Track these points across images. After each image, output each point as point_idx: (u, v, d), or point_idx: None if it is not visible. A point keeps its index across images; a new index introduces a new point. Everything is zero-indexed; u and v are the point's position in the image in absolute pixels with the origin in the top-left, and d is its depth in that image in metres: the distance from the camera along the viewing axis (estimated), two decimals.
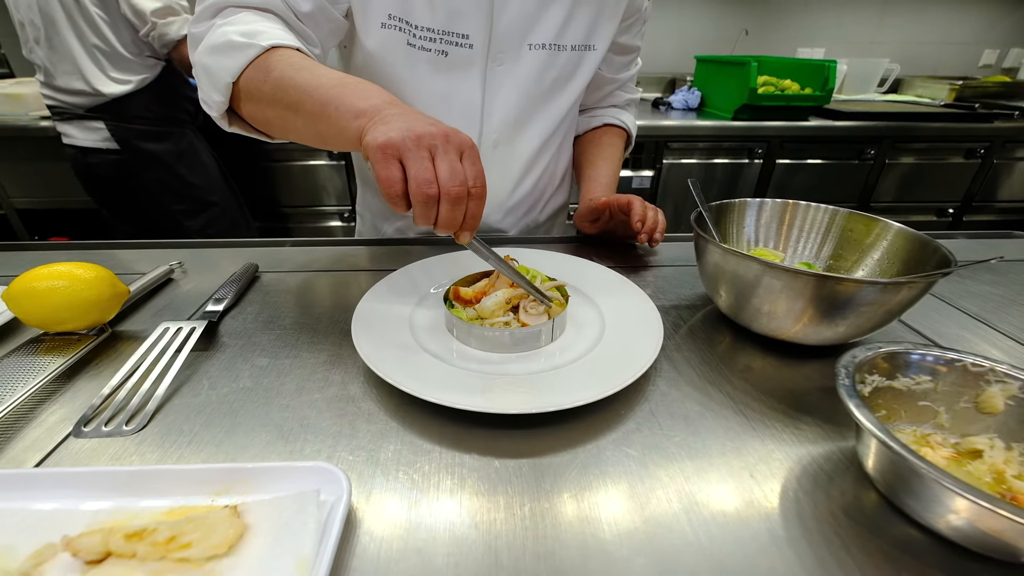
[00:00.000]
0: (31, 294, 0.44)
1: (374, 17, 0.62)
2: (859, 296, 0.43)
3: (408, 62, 0.65)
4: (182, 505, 0.31)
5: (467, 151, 0.41)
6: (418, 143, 0.39)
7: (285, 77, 0.48)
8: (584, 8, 0.68)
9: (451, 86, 0.67)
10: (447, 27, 0.63)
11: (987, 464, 0.36)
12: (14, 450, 0.36)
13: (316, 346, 0.49)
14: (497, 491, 0.34)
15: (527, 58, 0.68)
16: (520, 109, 0.72)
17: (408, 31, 0.63)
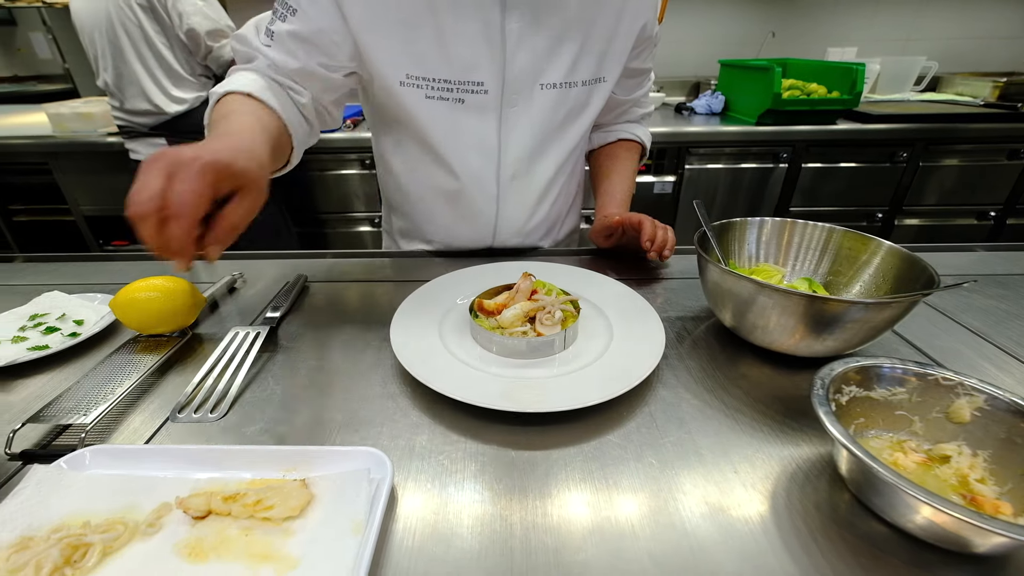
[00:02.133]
0: (132, 303, 0.53)
1: (391, 79, 0.67)
2: (845, 314, 0.48)
3: (427, 109, 0.70)
4: (261, 477, 0.39)
5: (179, 169, 0.39)
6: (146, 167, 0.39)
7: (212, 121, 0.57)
8: (593, 45, 0.72)
9: (468, 127, 0.72)
10: (463, 77, 0.68)
11: (953, 468, 0.40)
12: (127, 431, 0.45)
13: (360, 349, 0.57)
14: (512, 477, 0.41)
15: (539, 98, 0.72)
16: (535, 144, 0.76)
17: (426, 86, 0.68)
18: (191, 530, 0.35)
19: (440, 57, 0.67)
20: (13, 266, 0.81)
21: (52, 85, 2.94)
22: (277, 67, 0.65)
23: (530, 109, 0.73)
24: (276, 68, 0.66)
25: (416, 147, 0.76)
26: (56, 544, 0.33)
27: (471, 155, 0.75)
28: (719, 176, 1.95)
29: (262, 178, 0.46)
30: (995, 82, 2.31)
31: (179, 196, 0.38)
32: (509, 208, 0.80)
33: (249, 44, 0.66)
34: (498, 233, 0.83)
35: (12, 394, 0.50)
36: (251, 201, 0.44)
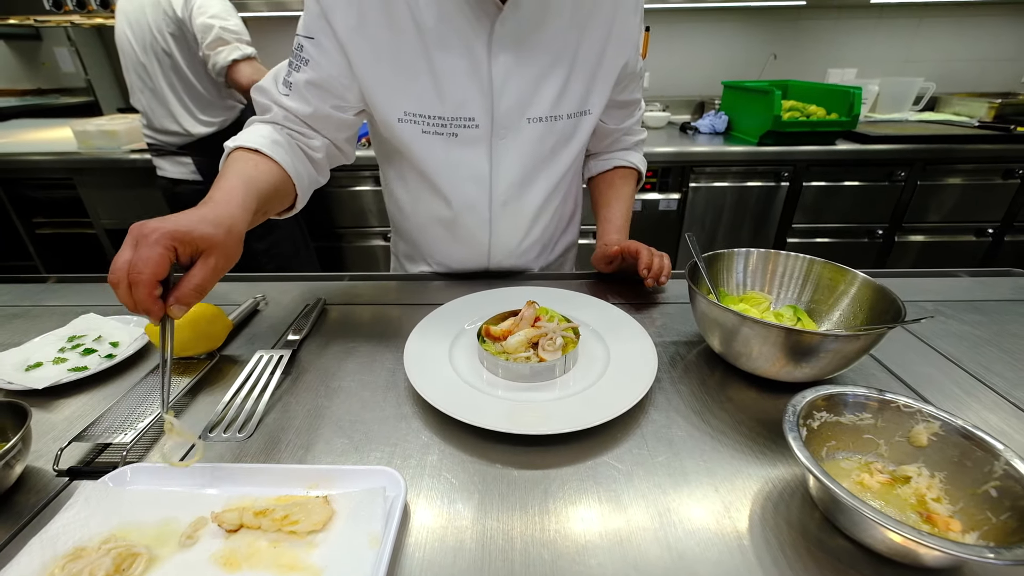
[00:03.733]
0: None
1: (391, 116, 0.73)
2: (820, 345, 0.52)
3: (424, 143, 0.76)
4: (287, 494, 0.43)
5: (141, 240, 0.45)
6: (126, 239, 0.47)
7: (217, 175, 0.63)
8: (577, 80, 0.76)
9: (462, 159, 0.77)
10: (455, 114, 0.73)
11: (913, 488, 0.44)
12: (163, 449, 0.50)
13: (375, 372, 0.62)
14: (514, 495, 0.45)
15: (527, 130, 0.76)
16: (524, 173, 0.80)
17: (422, 122, 0.73)
18: (225, 542, 0.39)
19: (434, 96, 0.72)
20: (47, 287, 0.86)
21: (74, 98, 3.04)
22: (292, 114, 0.72)
23: (518, 141, 0.77)
24: (291, 116, 0.72)
25: (416, 178, 0.82)
26: (107, 554, 0.37)
27: (465, 184, 0.80)
28: (723, 194, 2.00)
29: (226, 242, 0.51)
30: (991, 103, 2.36)
31: (137, 264, 0.44)
32: (502, 232, 0.85)
33: (269, 96, 0.73)
34: (492, 255, 0.88)
35: (55, 413, 0.55)
36: (214, 262, 0.50)
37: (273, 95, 0.73)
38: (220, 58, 1.48)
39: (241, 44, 1.50)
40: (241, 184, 0.59)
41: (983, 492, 0.41)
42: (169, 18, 1.43)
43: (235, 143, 0.67)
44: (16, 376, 0.57)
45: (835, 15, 2.44)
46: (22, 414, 0.45)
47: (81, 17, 2.04)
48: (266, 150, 0.66)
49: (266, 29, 2.35)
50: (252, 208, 0.58)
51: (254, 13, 2.11)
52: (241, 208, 0.56)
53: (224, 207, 0.55)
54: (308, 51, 0.70)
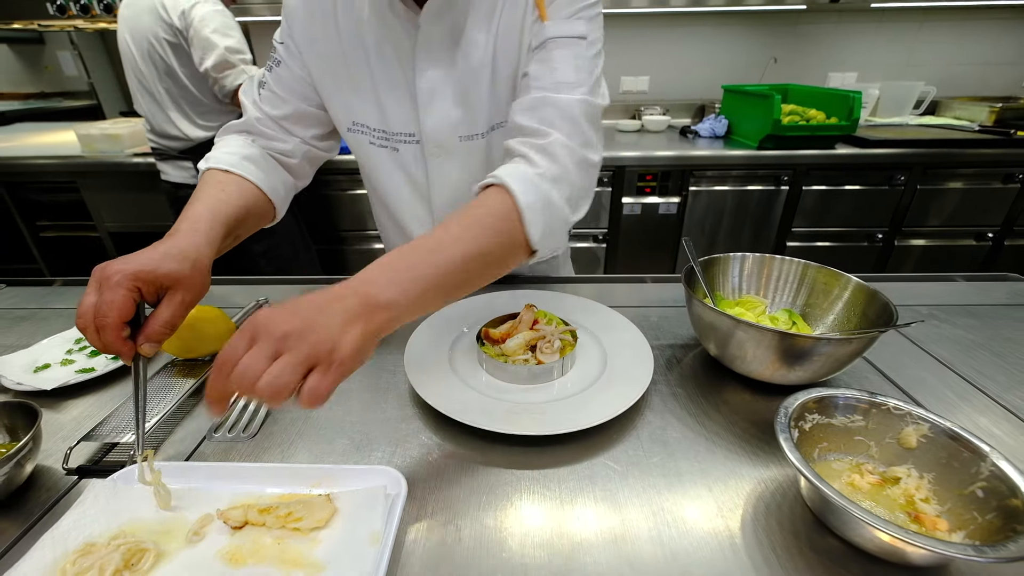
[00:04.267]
0: None
1: (342, 124, 0.76)
2: (812, 349, 0.53)
3: (374, 155, 0.77)
4: (290, 492, 0.44)
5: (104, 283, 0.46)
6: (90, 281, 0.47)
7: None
8: (503, 90, 0.71)
9: (405, 173, 0.78)
10: (395, 129, 0.74)
11: (902, 489, 0.45)
12: (169, 448, 0.51)
13: (376, 373, 0.63)
14: (510, 493, 0.46)
15: (461, 148, 0.74)
16: (461, 188, 0.77)
17: (368, 134, 0.75)
18: (231, 538, 0.40)
19: (376, 110, 0.73)
20: (53, 290, 0.87)
21: (77, 101, 3.07)
22: (266, 116, 0.74)
23: (453, 158, 0.75)
24: (263, 119, 0.74)
25: (370, 186, 0.84)
26: (116, 550, 0.38)
27: (410, 197, 0.81)
28: (722, 198, 2.01)
29: (192, 276, 0.51)
30: (991, 107, 2.36)
31: (101, 308, 0.45)
32: None
33: (249, 97, 0.76)
34: None
35: (63, 414, 0.56)
36: (181, 297, 0.50)
37: (252, 95, 0.75)
38: (228, 82, 1.51)
39: (246, 66, 1.52)
40: (207, 212, 0.59)
41: (970, 492, 0.42)
42: (167, 26, 1.45)
43: (207, 164, 0.68)
44: (25, 377, 0.58)
45: (835, 19, 2.45)
46: (33, 414, 0.47)
47: (84, 21, 2.06)
48: (235, 169, 0.67)
49: (267, 33, 2.38)
50: (219, 236, 0.58)
51: (256, 17, 2.13)
52: (206, 238, 0.56)
53: (189, 239, 0.54)
54: (280, 53, 0.73)
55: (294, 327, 0.38)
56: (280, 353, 0.37)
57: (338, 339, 0.39)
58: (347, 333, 0.40)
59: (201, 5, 1.45)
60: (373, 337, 0.42)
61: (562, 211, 0.57)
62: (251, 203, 0.68)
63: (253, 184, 0.69)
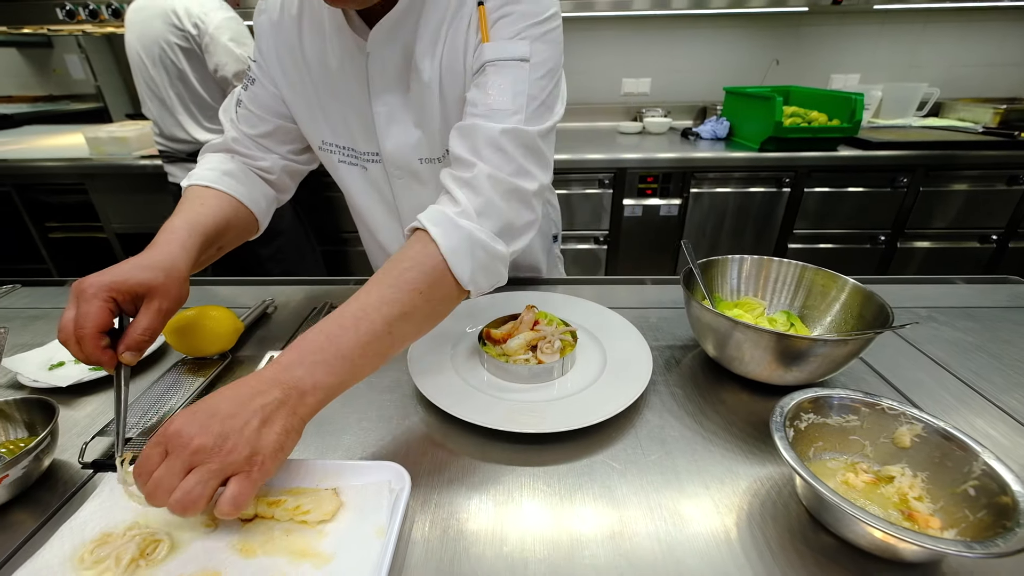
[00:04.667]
0: (182, 330, 0.61)
1: (314, 142, 0.77)
2: (808, 350, 0.54)
3: (345, 173, 0.79)
4: (299, 486, 0.45)
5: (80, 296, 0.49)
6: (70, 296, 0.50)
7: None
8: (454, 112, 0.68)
9: (376, 190, 0.80)
10: (361, 148, 0.75)
11: (895, 488, 0.46)
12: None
13: (381, 372, 0.64)
14: (511, 489, 0.47)
15: (422, 170, 0.74)
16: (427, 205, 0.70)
17: (337, 152, 0.76)
18: (241, 530, 0.42)
19: (343, 129, 0.74)
20: (64, 290, 0.89)
21: (84, 104, 3.10)
22: (242, 135, 0.75)
23: (416, 180, 0.76)
24: (239, 138, 0.75)
25: (347, 200, 0.86)
26: (132, 539, 0.40)
27: (379, 211, 0.82)
28: (724, 200, 2.01)
29: (166, 284, 0.52)
30: (996, 108, 2.36)
31: (79, 320, 0.47)
32: None
33: (227, 116, 0.77)
34: None
35: (77, 410, 0.58)
36: (157, 304, 0.51)
37: (230, 114, 0.77)
38: None
39: None
40: (184, 224, 0.61)
41: (962, 491, 0.43)
42: (180, 32, 1.47)
43: (188, 181, 0.70)
44: (41, 375, 0.60)
45: (838, 21, 2.45)
46: (50, 410, 0.48)
47: (93, 26, 2.09)
48: (216, 184, 0.69)
49: None
50: (196, 246, 0.60)
51: None
52: (181, 248, 0.57)
53: (163, 249, 0.56)
54: (254, 71, 0.74)
55: (205, 441, 0.37)
56: (193, 466, 0.37)
57: (256, 443, 0.39)
58: (266, 433, 0.39)
59: (215, 12, 1.48)
60: (301, 425, 0.42)
61: (489, 246, 0.55)
62: (231, 216, 0.69)
63: (233, 198, 0.70)
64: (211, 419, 0.38)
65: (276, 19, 0.71)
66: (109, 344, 0.49)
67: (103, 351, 0.48)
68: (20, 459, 0.43)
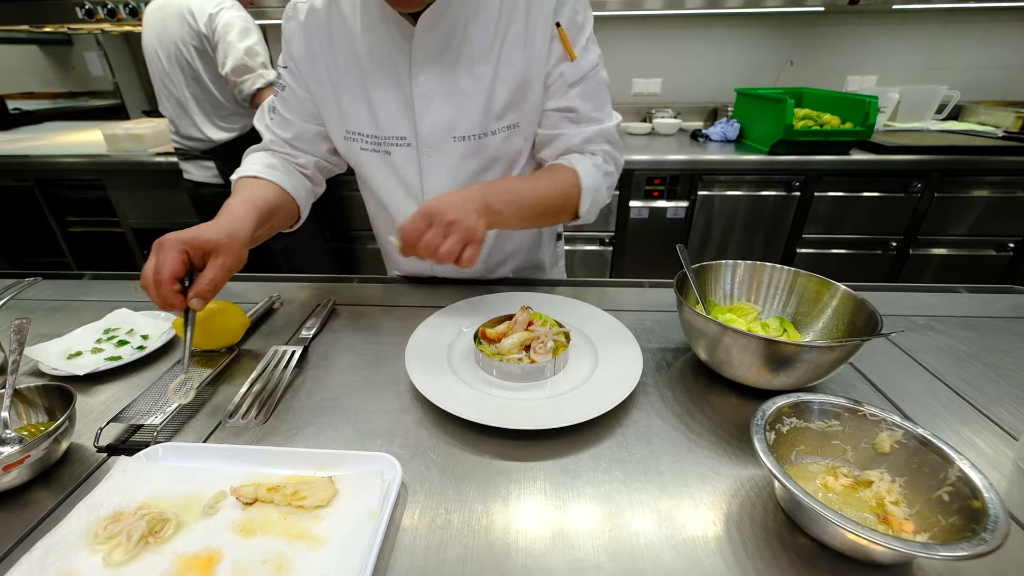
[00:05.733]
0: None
1: (337, 134, 0.83)
2: (796, 356, 0.55)
3: (366, 159, 0.83)
4: (296, 473, 0.48)
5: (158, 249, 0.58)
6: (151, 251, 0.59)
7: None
8: (501, 95, 0.75)
9: (397, 174, 0.83)
10: (387, 133, 0.79)
11: (874, 492, 0.47)
12: (188, 430, 0.56)
13: (379, 368, 0.66)
14: (499, 483, 0.49)
15: (454, 148, 0.79)
16: (453, 188, 0.78)
17: (360, 140, 0.81)
18: (242, 513, 0.44)
19: (368, 117, 0.79)
20: (83, 283, 0.93)
21: (102, 100, 3.19)
22: (278, 139, 0.84)
23: (446, 159, 0.80)
24: (277, 140, 0.84)
25: (366, 188, 0.90)
26: (142, 518, 0.43)
27: (400, 197, 0.86)
28: (732, 203, 1.99)
29: (230, 244, 0.61)
30: (1018, 112, 2.30)
31: (159, 267, 0.56)
32: None
33: (262, 123, 0.86)
34: (434, 265, 0.92)
35: (93, 397, 0.61)
36: (222, 261, 0.60)
37: (265, 121, 0.85)
38: (246, 87, 1.58)
39: (264, 70, 1.58)
40: (240, 203, 0.71)
41: (937, 497, 0.44)
42: (194, 32, 1.51)
43: (238, 175, 0.80)
44: (60, 363, 0.63)
45: (856, 21, 2.41)
46: (68, 397, 0.51)
47: (111, 25, 2.14)
48: (262, 174, 0.79)
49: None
50: (253, 219, 0.69)
51: (273, 20, 2.19)
52: (241, 219, 0.66)
53: (226, 219, 0.66)
54: (284, 78, 0.82)
55: (454, 218, 0.61)
56: (448, 234, 0.61)
57: (475, 226, 0.63)
58: (479, 223, 0.63)
59: (226, 11, 1.51)
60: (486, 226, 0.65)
61: (604, 197, 0.83)
62: (278, 200, 0.78)
63: (278, 185, 0.79)
64: (453, 207, 0.62)
65: (303, 19, 0.77)
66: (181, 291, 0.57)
67: (176, 295, 0.56)
68: (40, 442, 0.46)
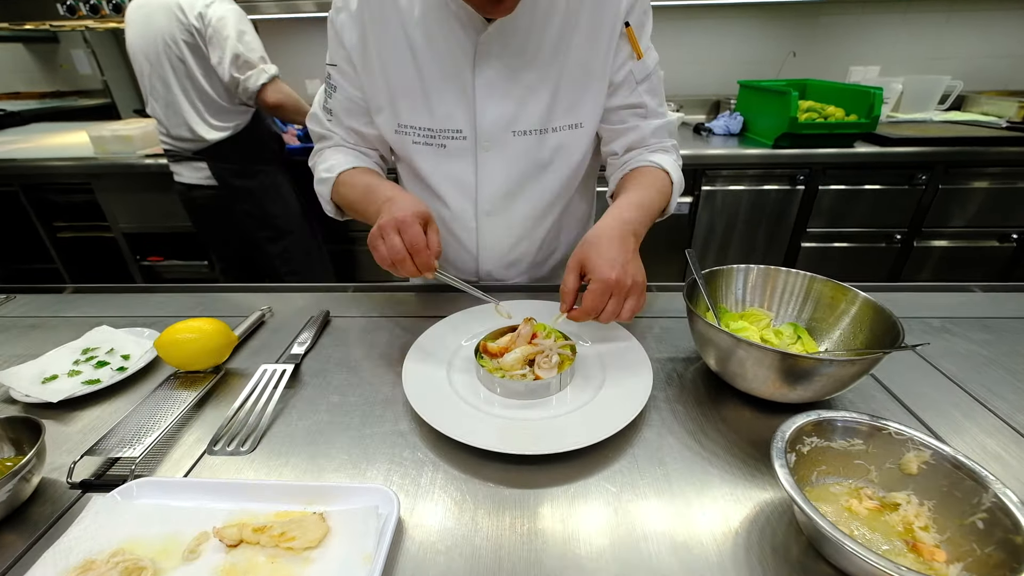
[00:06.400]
0: (174, 343, 0.60)
1: (389, 128, 0.81)
2: (815, 369, 0.52)
3: (417, 153, 0.81)
4: (285, 509, 0.45)
5: (403, 226, 0.61)
6: (377, 233, 0.62)
7: (345, 195, 0.80)
8: (567, 92, 0.76)
9: (450, 168, 0.82)
10: (443, 126, 0.78)
11: (901, 516, 0.44)
12: (170, 462, 0.52)
13: (375, 387, 0.63)
14: (504, 513, 0.46)
15: (513, 143, 0.79)
16: (509, 185, 0.82)
17: (412, 134, 0.79)
18: (226, 556, 0.41)
19: (423, 110, 0.77)
20: (63, 297, 0.89)
21: (92, 100, 3.12)
22: (342, 138, 0.84)
23: (504, 154, 0.80)
24: (346, 136, 0.84)
25: (414, 180, 0.87)
26: (115, 567, 0.39)
27: (453, 192, 0.84)
28: (736, 198, 1.96)
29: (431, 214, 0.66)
30: (1020, 102, 2.27)
31: (414, 241, 0.61)
32: (488, 242, 0.89)
33: (321, 125, 0.85)
34: (481, 264, 0.91)
35: (69, 425, 0.58)
36: (434, 227, 0.65)
37: (324, 124, 0.84)
38: (251, 83, 1.53)
39: (265, 65, 1.54)
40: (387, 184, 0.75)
41: (970, 523, 0.41)
42: (183, 26, 1.46)
43: (336, 171, 0.81)
44: (33, 389, 0.60)
45: (858, 11, 2.38)
46: (37, 429, 0.48)
47: (95, 21, 2.09)
48: (367, 165, 0.83)
49: (275, 31, 2.39)
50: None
51: (265, 16, 2.14)
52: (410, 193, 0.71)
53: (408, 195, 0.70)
54: (335, 78, 0.80)
55: (632, 283, 0.62)
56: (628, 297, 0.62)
57: (643, 278, 0.64)
58: (637, 265, 0.65)
59: (218, 4, 1.46)
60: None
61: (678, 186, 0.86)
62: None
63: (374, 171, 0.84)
64: (627, 271, 0.62)
65: (355, 9, 0.74)
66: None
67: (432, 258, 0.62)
68: (4, 483, 0.43)
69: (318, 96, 0.85)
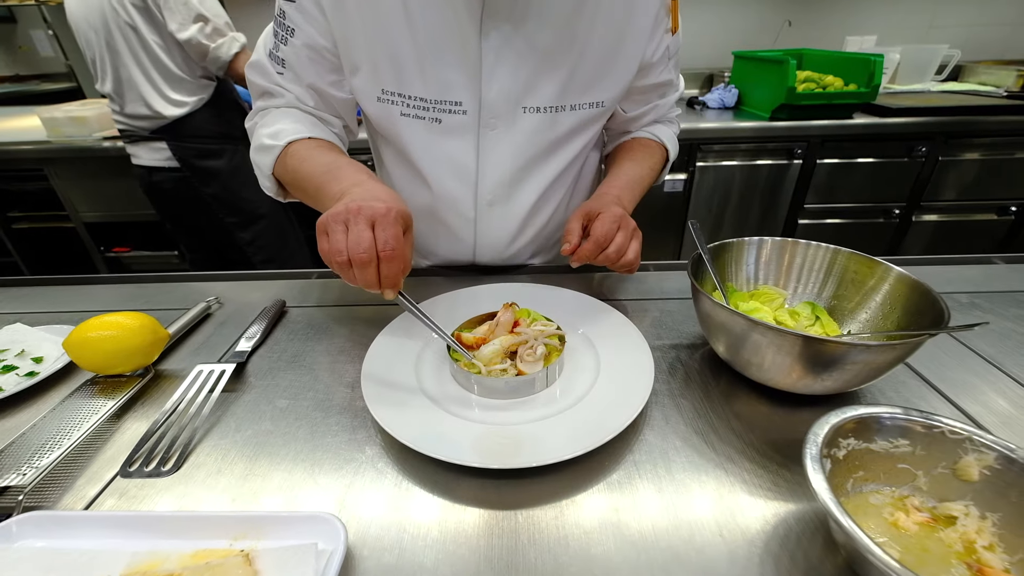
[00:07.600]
0: (85, 343, 0.50)
1: (370, 94, 0.66)
2: (846, 356, 0.44)
3: (405, 128, 0.68)
4: (205, 548, 0.36)
5: (378, 220, 0.46)
6: (335, 219, 0.47)
7: (296, 169, 0.63)
8: (588, 67, 0.66)
9: (446, 148, 0.69)
10: (440, 96, 0.65)
11: (959, 532, 0.37)
12: (71, 489, 0.43)
13: (332, 387, 0.54)
14: (480, 544, 0.38)
15: (522, 121, 0.67)
16: (515, 170, 0.71)
17: (401, 103, 0.66)
18: None
19: (416, 74, 0.63)
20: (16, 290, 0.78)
21: (55, 84, 2.94)
22: (296, 98, 0.67)
23: (512, 133, 0.68)
24: (296, 99, 0.67)
25: (398, 161, 0.74)
26: None
27: (447, 179, 0.71)
28: (732, 173, 1.89)
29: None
30: (1019, 71, 2.21)
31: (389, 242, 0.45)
32: (488, 234, 0.77)
33: (269, 78, 0.67)
34: (478, 254, 0.80)
35: None
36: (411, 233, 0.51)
37: (272, 76, 0.67)
38: (222, 52, 1.40)
39: (233, 32, 1.42)
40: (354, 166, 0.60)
41: None
42: None
43: (284, 139, 0.64)
44: None
45: None
46: None
47: None
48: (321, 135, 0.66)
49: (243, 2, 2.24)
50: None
51: None
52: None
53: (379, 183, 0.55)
54: (292, 18, 0.63)
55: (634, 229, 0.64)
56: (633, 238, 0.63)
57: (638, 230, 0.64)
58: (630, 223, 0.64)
59: None
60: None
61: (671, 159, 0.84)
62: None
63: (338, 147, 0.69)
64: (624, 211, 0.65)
65: None
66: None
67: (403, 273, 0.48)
68: None
69: (264, 39, 0.68)
